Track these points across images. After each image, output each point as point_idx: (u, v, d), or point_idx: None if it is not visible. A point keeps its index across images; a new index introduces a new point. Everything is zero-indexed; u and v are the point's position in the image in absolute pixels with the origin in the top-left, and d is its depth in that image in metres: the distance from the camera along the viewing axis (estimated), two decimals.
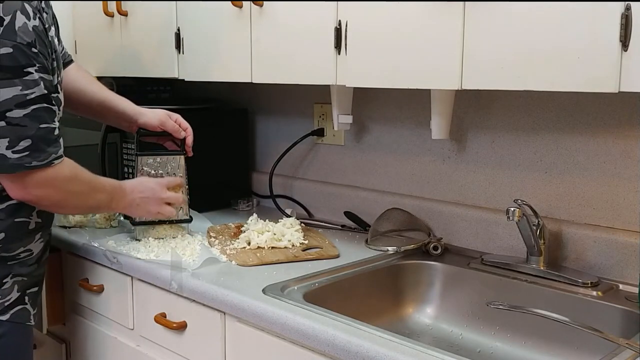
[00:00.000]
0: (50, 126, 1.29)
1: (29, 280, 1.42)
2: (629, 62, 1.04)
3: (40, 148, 1.27)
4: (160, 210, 1.58)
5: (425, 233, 1.69)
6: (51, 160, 1.29)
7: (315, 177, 2.05)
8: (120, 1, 2.02)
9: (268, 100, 2.18)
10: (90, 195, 1.44)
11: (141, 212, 1.57)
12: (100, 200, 1.47)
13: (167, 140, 1.71)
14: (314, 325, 1.17)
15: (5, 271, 1.37)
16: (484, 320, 1.44)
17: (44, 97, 1.27)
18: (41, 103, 1.26)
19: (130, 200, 1.53)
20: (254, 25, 1.63)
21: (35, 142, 1.26)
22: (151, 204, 1.56)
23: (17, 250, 1.38)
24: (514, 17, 1.17)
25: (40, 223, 1.42)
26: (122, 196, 1.51)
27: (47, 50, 1.29)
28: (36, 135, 1.26)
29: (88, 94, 1.65)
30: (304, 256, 1.55)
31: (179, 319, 1.46)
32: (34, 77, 1.25)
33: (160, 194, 1.58)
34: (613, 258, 1.41)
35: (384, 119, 1.84)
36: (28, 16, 1.24)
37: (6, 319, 1.36)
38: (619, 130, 1.40)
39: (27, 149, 1.25)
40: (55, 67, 1.34)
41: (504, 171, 1.60)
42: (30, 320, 1.42)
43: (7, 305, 1.36)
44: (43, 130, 1.27)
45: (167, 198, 1.59)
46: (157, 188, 1.58)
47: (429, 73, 1.30)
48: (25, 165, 1.25)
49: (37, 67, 1.25)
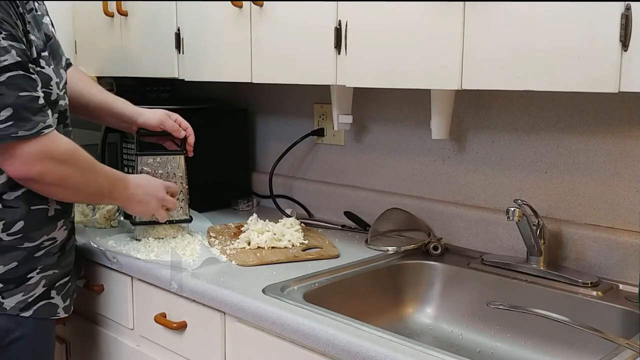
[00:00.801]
0: (32, 94, 1.25)
1: (58, 272, 1.42)
2: (629, 62, 1.04)
3: (25, 117, 1.22)
4: (158, 212, 1.57)
5: (425, 233, 1.69)
6: (40, 129, 1.25)
7: (315, 177, 2.05)
8: (120, 1, 2.02)
9: (268, 100, 2.18)
10: (92, 174, 1.39)
11: (141, 208, 1.54)
12: (101, 186, 1.43)
13: (167, 140, 1.71)
14: (314, 325, 1.17)
15: (32, 265, 1.36)
16: (484, 320, 1.44)
17: (19, 64, 1.23)
18: (16, 70, 1.22)
19: (133, 194, 1.50)
20: (254, 25, 1.63)
21: (17, 111, 1.22)
22: (153, 202, 1.55)
23: (40, 239, 1.37)
24: (514, 17, 1.17)
25: (59, 210, 1.41)
26: (125, 188, 1.49)
27: (13, 20, 1.25)
28: (17, 103, 1.22)
29: (86, 96, 1.65)
30: (303, 256, 1.55)
31: (179, 319, 1.46)
32: (2, 44, 1.21)
33: (162, 194, 1.57)
34: (613, 258, 1.41)
35: (384, 119, 1.84)
36: None
37: (29, 316, 1.36)
38: (619, 130, 1.40)
39: (10, 119, 1.21)
40: (34, 42, 1.31)
41: (504, 171, 1.60)
42: (56, 314, 1.42)
43: (30, 302, 1.36)
44: (24, 99, 1.23)
45: (166, 201, 1.58)
46: (161, 188, 1.57)
47: (429, 73, 1.30)
48: (11, 135, 1.21)
49: (3, 35, 1.22)
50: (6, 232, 1.32)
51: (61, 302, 1.43)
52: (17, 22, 1.27)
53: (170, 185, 1.61)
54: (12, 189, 1.32)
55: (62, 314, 1.43)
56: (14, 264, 1.33)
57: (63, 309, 1.43)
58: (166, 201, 1.58)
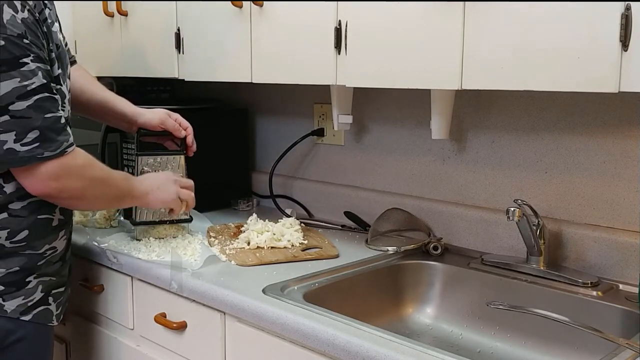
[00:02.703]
0: (55, 115, 1.27)
1: (55, 280, 1.42)
2: (629, 62, 1.04)
3: (50, 138, 1.26)
4: (179, 191, 1.55)
5: (425, 233, 1.69)
6: (64, 149, 1.28)
7: (315, 177, 2.05)
8: (120, 1, 2.02)
9: (268, 100, 2.18)
10: (110, 182, 1.42)
11: (163, 194, 1.52)
12: (120, 188, 1.44)
13: (167, 140, 1.71)
14: (314, 325, 1.17)
15: (31, 270, 1.36)
16: (484, 320, 1.44)
17: (45, 87, 1.26)
18: (43, 93, 1.25)
19: (150, 185, 1.51)
20: (254, 25, 1.63)
21: (43, 132, 1.25)
22: (169, 185, 1.54)
23: (42, 248, 1.38)
24: (514, 17, 1.17)
25: (63, 220, 1.42)
26: (139, 183, 1.50)
27: (39, 41, 1.27)
28: (43, 125, 1.25)
29: (87, 93, 1.65)
30: (303, 256, 1.55)
31: (179, 319, 1.46)
32: (31, 67, 1.24)
33: (172, 176, 1.57)
34: (613, 258, 1.41)
35: (384, 119, 1.84)
36: (15, 9, 1.23)
37: (28, 320, 1.36)
38: (619, 130, 1.40)
39: (36, 140, 1.24)
40: (54, 58, 1.33)
41: (504, 171, 1.60)
42: (52, 321, 1.42)
43: (30, 306, 1.36)
44: (49, 120, 1.26)
45: (180, 180, 1.57)
46: (166, 172, 1.59)
47: (429, 73, 1.30)
48: (37, 156, 1.25)
49: (32, 57, 1.24)
50: (9, 240, 1.32)
51: (55, 309, 1.43)
52: (43, 42, 1.29)
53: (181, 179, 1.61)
54: (19, 199, 1.33)
55: (55, 321, 1.43)
56: (15, 268, 1.34)
57: (55, 317, 1.43)
58: (181, 181, 1.58)
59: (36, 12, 1.28)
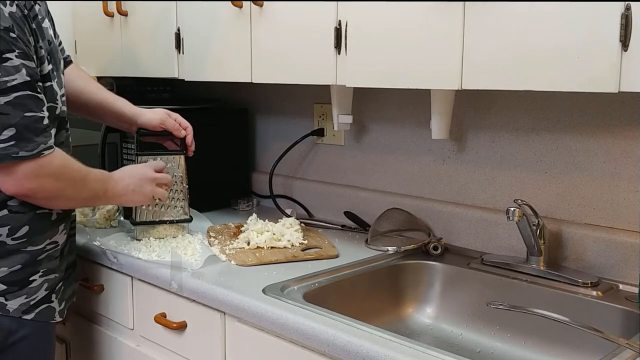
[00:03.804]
0: (37, 115, 1.24)
1: (58, 275, 1.42)
2: (629, 62, 1.05)
3: (27, 137, 1.22)
4: (154, 191, 1.54)
5: (425, 233, 1.69)
6: (40, 150, 1.25)
7: (315, 177, 2.05)
8: (120, 1, 2.02)
9: (268, 100, 2.18)
10: (85, 184, 1.39)
11: (137, 196, 1.52)
12: (95, 190, 1.42)
13: (167, 140, 1.71)
14: (314, 325, 1.17)
15: (35, 268, 1.36)
16: (484, 320, 1.44)
17: (27, 84, 1.23)
18: (24, 90, 1.22)
19: (125, 186, 1.48)
20: (254, 25, 1.63)
21: (20, 131, 1.21)
22: (145, 185, 1.52)
23: (43, 243, 1.37)
24: (514, 17, 1.17)
25: (61, 214, 1.42)
26: (115, 184, 1.47)
27: (26, 37, 1.25)
28: (20, 123, 1.21)
29: (86, 94, 1.64)
30: (302, 256, 1.55)
31: (179, 319, 1.46)
32: (14, 63, 1.21)
33: (150, 174, 1.54)
34: (613, 258, 1.41)
35: (384, 119, 1.84)
36: (4, 3, 1.22)
37: (30, 318, 1.36)
38: (619, 130, 1.40)
39: (12, 138, 1.21)
40: (44, 55, 1.31)
41: (504, 171, 1.60)
42: (55, 318, 1.42)
43: (32, 305, 1.36)
44: (28, 119, 1.22)
45: (157, 178, 1.55)
46: (146, 169, 1.55)
47: (429, 73, 1.30)
48: (12, 155, 1.21)
49: (17, 53, 1.21)
50: (11, 237, 1.32)
51: (57, 305, 1.43)
52: (30, 39, 1.27)
53: (155, 164, 1.59)
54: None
55: (58, 318, 1.43)
56: (17, 267, 1.33)
57: (58, 313, 1.43)
58: (158, 179, 1.56)
59: (25, 9, 1.27)
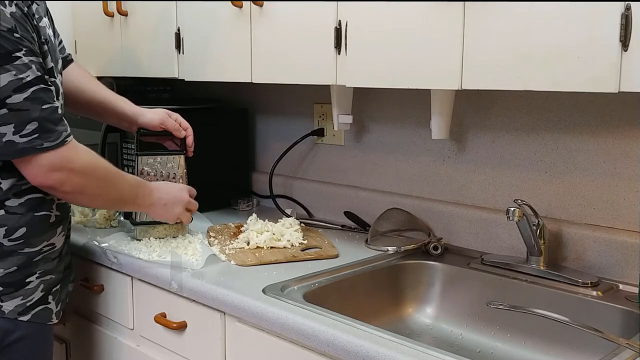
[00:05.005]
0: (52, 105, 1.28)
1: (55, 277, 1.42)
2: (629, 62, 1.05)
3: (48, 128, 1.26)
4: (182, 215, 1.57)
5: (425, 233, 1.69)
6: (63, 139, 1.29)
7: (315, 177, 2.05)
8: (120, 1, 2.02)
9: (268, 100, 2.18)
10: (113, 184, 1.42)
11: (165, 213, 1.55)
12: (124, 193, 1.45)
13: (167, 140, 1.71)
14: (314, 325, 1.17)
15: (31, 269, 1.36)
16: (484, 320, 1.44)
17: (40, 79, 1.27)
18: (38, 84, 1.26)
19: (158, 198, 1.52)
20: (254, 25, 1.63)
21: (41, 124, 1.25)
22: (176, 205, 1.55)
23: (40, 244, 1.38)
24: (514, 17, 1.17)
25: (59, 216, 1.42)
26: (149, 194, 1.50)
27: (30, 35, 1.28)
28: (41, 116, 1.25)
29: (87, 93, 1.65)
30: (302, 256, 1.55)
31: (179, 319, 1.46)
32: (24, 61, 1.25)
33: (185, 197, 1.58)
34: (613, 258, 1.41)
35: (384, 119, 1.84)
36: (4, 4, 1.24)
37: (27, 320, 1.36)
38: (619, 130, 1.40)
39: (35, 131, 1.25)
40: (47, 51, 1.34)
41: (504, 171, 1.60)
42: (52, 320, 1.42)
43: (28, 306, 1.36)
44: (47, 111, 1.27)
45: (190, 203, 1.59)
46: (182, 191, 1.58)
47: (429, 73, 1.30)
48: (37, 147, 1.25)
49: (24, 51, 1.25)
50: (7, 238, 1.32)
51: (54, 307, 1.43)
52: (34, 36, 1.30)
53: (191, 189, 1.62)
54: (16, 196, 1.33)
55: (54, 319, 1.43)
56: (13, 268, 1.33)
57: (55, 314, 1.43)
58: (190, 204, 1.59)
59: (24, 7, 1.29)
